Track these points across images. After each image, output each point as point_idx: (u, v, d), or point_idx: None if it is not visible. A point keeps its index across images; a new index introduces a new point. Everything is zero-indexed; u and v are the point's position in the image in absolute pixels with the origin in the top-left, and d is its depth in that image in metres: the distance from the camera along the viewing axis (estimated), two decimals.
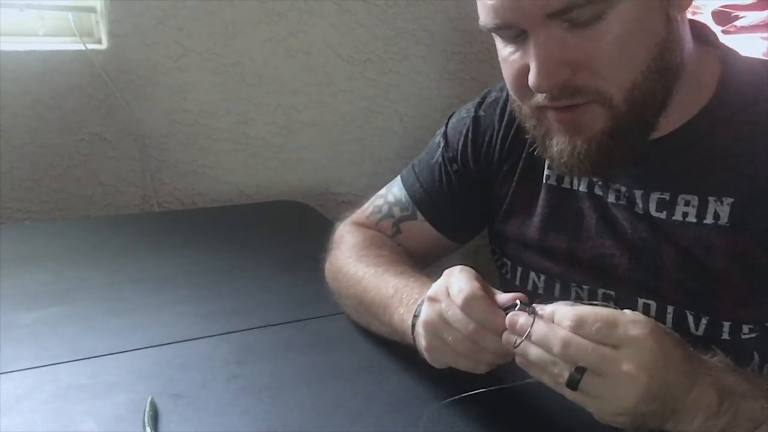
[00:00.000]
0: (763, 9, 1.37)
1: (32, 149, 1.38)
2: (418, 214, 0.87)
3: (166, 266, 1.05)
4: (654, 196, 0.69)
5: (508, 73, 0.65)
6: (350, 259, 0.83)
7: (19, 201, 1.39)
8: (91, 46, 1.39)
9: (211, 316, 0.87)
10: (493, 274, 0.87)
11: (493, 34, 0.65)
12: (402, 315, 0.70)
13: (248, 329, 0.84)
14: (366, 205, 0.93)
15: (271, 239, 1.19)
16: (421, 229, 0.87)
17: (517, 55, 0.63)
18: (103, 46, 1.40)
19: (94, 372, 0.74)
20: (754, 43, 1.38)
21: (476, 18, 0.65)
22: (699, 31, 0.69)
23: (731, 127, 0.65)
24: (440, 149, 0.87)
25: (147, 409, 0.65)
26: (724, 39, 1.41)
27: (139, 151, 1.47)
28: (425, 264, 0.92)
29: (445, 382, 0.68)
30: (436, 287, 0.63)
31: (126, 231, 1.25)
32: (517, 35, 0.62)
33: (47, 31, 1.40)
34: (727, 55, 0.69)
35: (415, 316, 0.67)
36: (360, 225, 0.91)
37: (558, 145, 0.65)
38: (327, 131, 1.67)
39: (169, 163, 1.51)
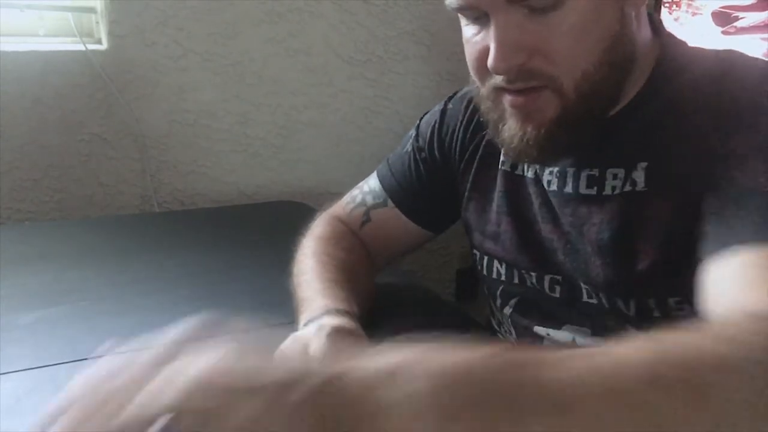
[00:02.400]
0: (763, 10, 1.37)
1: (32, 149, 1.38)
2: (389, 201, 0.90)
3: (166, 266, 1.05)
4: (584, 174, 0.70)
5: (469, 53, 0.67)
6: (309, 250, 0.87)
7: (19, 201, 1.39)
8: (91, 47, 1.39)
9: None
10: None
11: (458, 14, 0.67)
12: (300, 320, 0.74)
13: None
14: (345, 196, 0.96)
15: (271, 239, 1.19)
16: (390, 215, 0.89)
17: (479, 36, 0.65)
18: (103, 46, 1.40)
19: None
20: (755, 43, 1.38)
21: None
22: (652, 23, 0.70)
23: (662, 103, 0.66)
24: (411, 139, 0.91)
25: None
26: (724, 40, 1.42)
27: (139, 151, 1.47)
28: (394, 255, 0.94)
29: None
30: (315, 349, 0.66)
31: (126, 231, 1.25)
32: (479, 17, 0.64)
33: (47, 32, 1.40)
34: (667, 41, 0.70)
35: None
36: (334, 216, 0.94)
37: (509, 130, 0.67)
38: (327, 131, 1.67)
39: (169, 163, 1.51)
